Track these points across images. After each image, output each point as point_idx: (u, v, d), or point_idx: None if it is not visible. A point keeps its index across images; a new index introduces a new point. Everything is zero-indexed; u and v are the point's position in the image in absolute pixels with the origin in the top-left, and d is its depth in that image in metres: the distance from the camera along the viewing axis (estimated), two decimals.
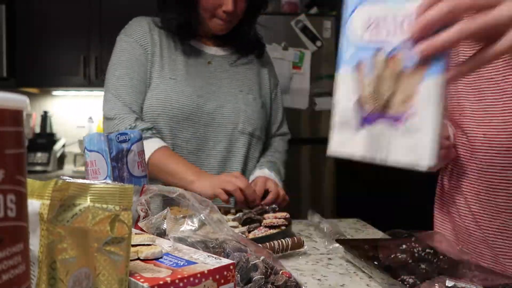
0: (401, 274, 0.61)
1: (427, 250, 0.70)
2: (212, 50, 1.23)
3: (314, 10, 2.96)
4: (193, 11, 1.13)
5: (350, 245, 0.79)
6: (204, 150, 1.16)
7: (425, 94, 0.45)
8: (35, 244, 0.34)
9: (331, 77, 2.86)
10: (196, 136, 1.15)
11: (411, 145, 0.46)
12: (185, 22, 1.15)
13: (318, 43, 2.82)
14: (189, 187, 1.01)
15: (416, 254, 0.70)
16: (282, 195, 1.13)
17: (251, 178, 1.19)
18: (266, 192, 1.11)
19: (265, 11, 1.25)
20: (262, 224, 0.89)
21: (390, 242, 0.78)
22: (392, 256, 0.70)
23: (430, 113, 0.44)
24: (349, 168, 2.97)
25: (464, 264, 0.65)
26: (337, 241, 0.83)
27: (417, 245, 0.73)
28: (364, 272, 0.72)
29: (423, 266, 0.65)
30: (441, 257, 0.67)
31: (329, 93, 2.91)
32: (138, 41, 1.18)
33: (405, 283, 0.59)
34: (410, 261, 0.68)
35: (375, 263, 0.68)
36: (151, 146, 1.07)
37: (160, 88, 1.13)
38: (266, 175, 1.17)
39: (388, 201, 2.99)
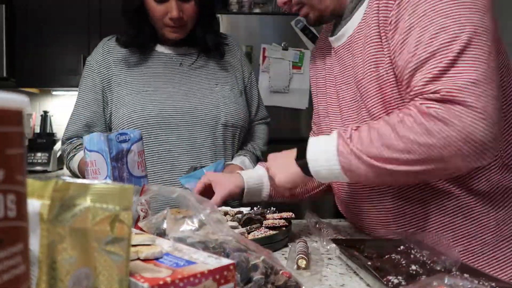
0: (389, 275, 0.61)
1: (424, 252, 0.70)
2: (180, 51, 1.27)
3: None
4: (146, 24, 1.20)
5: (345, 245, 0.79)
6: (194, 148, 1.19)
7: None
8: (35, 244, 0.34)
9: None
10: (183, 137, 1.18)
11: None
12: (141, 36, 1.21)
13: None
14: None
15: (412, 256, 0.70)
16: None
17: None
18: None
19: (213, 13, 1.28)
20: (264, 225, 0.89)
21: (388, 243, 0.78)
22: (386, 256, 0.70)
23: None
24: None
25: (457, 267, 0.65)
26: (333, 241, 0.83)
27: (415, 246, 0.73)
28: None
29: (414, 267, 0.65)
30: (435, 258, 0.67)
31: None
32: (94, 65, 1.25)
33: (390, 283, 0.59)
34: (403, 262, 0.68)
35: (369, 263, 0.67)
36: (76, 160, 1.21)
37: (134, 101, 1.17)
38: (237, 163, 1.22)
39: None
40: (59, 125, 3.18)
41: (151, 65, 1.24)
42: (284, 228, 0.88)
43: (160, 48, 1.26)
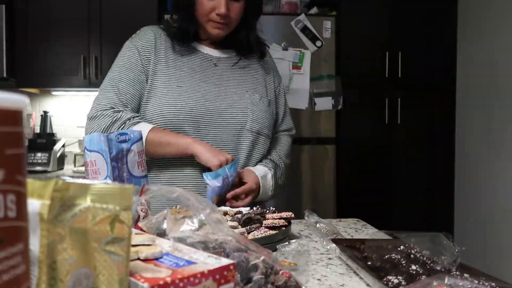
0: (389, 275, 0.61)
1: (424, 252, 0.70)
2: (216, 53, 1.29)
3: (314, 10, 2.96)
4: (190, 17, 1.21)
5: (345, 245, 0.80)
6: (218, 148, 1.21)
7: None
8: (35, 244, 0.34)
9: (331, 77, 2.86)
10: (208, 137, 1.19)
11: None
12: (184, 27, 1.22)
13: (318, 43, 2.82)
14: (188, 148, 1.12)
15: (412, 256, 0.70)
16: (248, 192, 1.17)
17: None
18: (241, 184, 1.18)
19: (260, 15, 1.31)
20: (263, 225, 0.89)
21: (388, 243, 0.78)
22: (386, 256, 0.70)
23: None
24: (349, 168, 2.97)
25: (457, 266, 0.65)
26: (333, 241, 0.83)
27: (415, 246, 0.73)
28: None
29: (414, 267, 0.65)
30: (435, 258, 0.67)
31: (329, 93, 2.92)
32: (139, 48, 1.23)
33: (390, 283, 0.59)
34: (403, 262, 0.68)
35: (369, 263, 0.67)
36: (144, 127, 1.13)
37: (168, 96, 1.18)
38: (254, 170, 1.23)
39: (388, 201, 2.99)
40: (59, 125, 3.18)
41: (187, 61, 1.25)
42: (283, 228, 0.88)
43: (198, 46, 1.29)
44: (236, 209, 1.00)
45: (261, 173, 1.22)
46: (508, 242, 2.61)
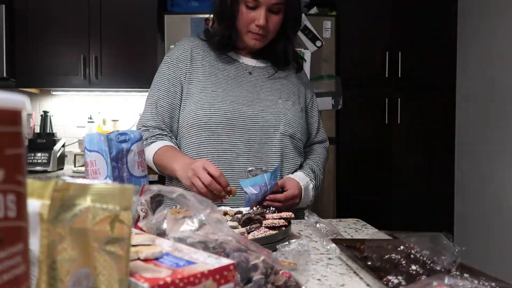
0: (389, 275, 0.61)
1: (424, 252, 0.70)
2: (252, 62, 1.35)
3: (314, 10, 2.96)
4: (232, 27, 1.26)
5: (345, 245, 0.80)
6: (252, 152, 1.23)
7: None
8: (35, 244, 0.34)
9: (331, 77, 2.86)
10: (242, 140, 1.22)
11: None
12: (226, 37, 1.27)
13: (318, 43, 2.82)
14: (174, 175, 1.17)
15: (412, 256, 0.70)
16: (290, 201, 1.18)
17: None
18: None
19: (298, 29, 1.36)
20: (263, 224, 0.89)
21: (388, 243, 0.78)
22: (386, 257, 0.70)
23: None
24: (349, 168, 2.97)
25: (457, 266, 0.65)
26: (333, 241, 0.83)
27: (415, 246, 0.73)
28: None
29: (414, 267, 0.65)
30: (435, 258, 0.67)
31: (329, 93, 2.91)
32: (174, 61, 1.30)
33: (390, 283, 0.59)
34: (403, 262, 0.68)
35: (369, 263, 0.67)
36: (154, 148, 1.22)
37: (203, 100, 1.23)
38: (295, 177, 1.24)
39: (388, 201, 2.99)
40: (59, 125, 3.18)
41: (223, 69, 1.30)
42: (283, 228, 0.88)
43: (234, 56, 1.34)
44: (236, 209, 1.00)
45: (303, 181, 1.24)
46: (508, 242, 2.61)
